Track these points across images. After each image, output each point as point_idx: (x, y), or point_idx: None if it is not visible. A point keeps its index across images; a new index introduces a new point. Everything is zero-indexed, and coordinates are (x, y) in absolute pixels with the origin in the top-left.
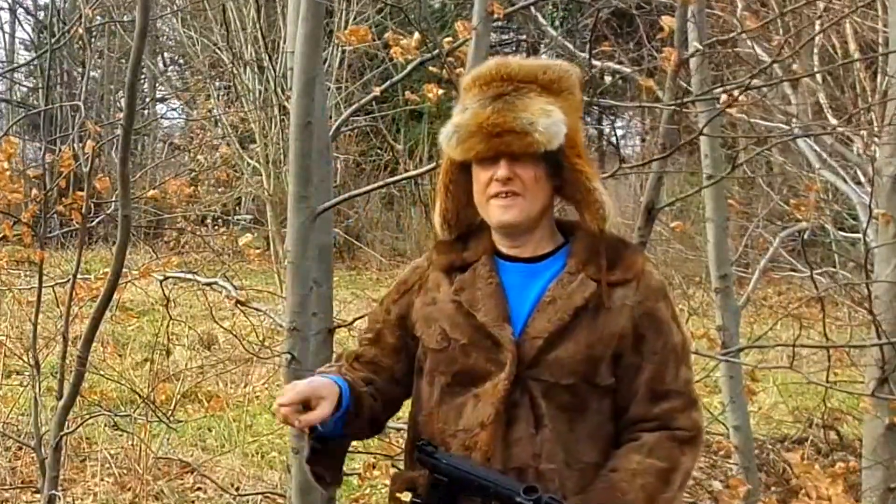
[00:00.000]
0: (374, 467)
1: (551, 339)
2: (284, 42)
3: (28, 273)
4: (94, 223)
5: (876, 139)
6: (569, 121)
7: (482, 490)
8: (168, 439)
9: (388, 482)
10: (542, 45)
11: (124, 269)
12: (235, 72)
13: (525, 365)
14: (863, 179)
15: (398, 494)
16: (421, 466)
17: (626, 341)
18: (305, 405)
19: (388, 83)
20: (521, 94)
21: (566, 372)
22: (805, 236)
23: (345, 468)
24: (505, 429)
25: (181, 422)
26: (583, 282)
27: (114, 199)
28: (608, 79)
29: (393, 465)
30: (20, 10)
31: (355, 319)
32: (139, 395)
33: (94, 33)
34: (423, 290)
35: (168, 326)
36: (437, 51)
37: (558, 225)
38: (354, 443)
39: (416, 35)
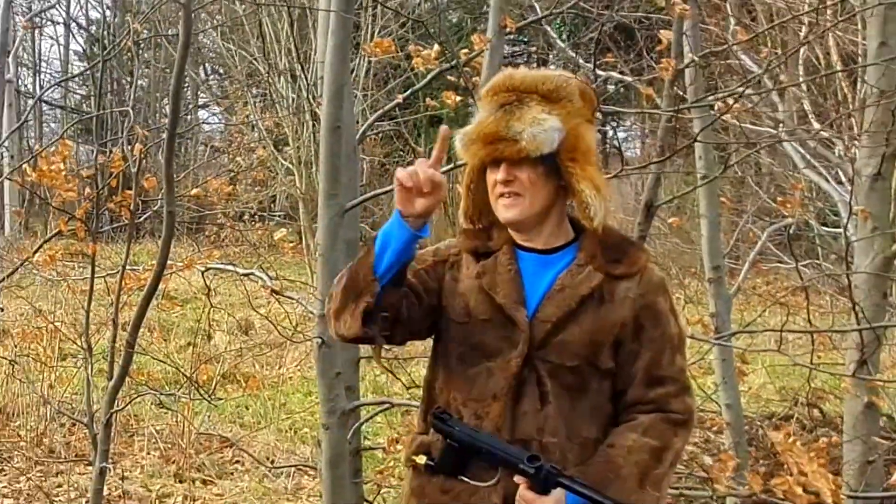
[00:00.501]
0: (397, 441)
1: (559, 323)
2: (315, 53)
3: (81, 265)
4: (141, 219)
5: (856, 142)
6: (567, 126)
7: (490, 456)
8: (209, 416)
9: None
10: (550, 57)
11: (169, 261)
12: (270, 81)
13: (534, 346)
14: (843, 179)
15: (414, 457)
16: (436, 432)
17: (627, 330)
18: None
19: (409, 91)
20: (523, 103)
21: (570, 354)
22: (791, 231)
23: (370, 443)
24: (514, 403)
25: (221, 400)
26: (590, 273)
27: (159, 197)
28: (611, 87)
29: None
30: (74, 25)
31: None
32: (183, 376)
33: (142, 46)
34: (455, 266)
35: (209, 313)
36: (454, 61)
37: (572, 220)
38: (378, 419)
39: (436, 47)
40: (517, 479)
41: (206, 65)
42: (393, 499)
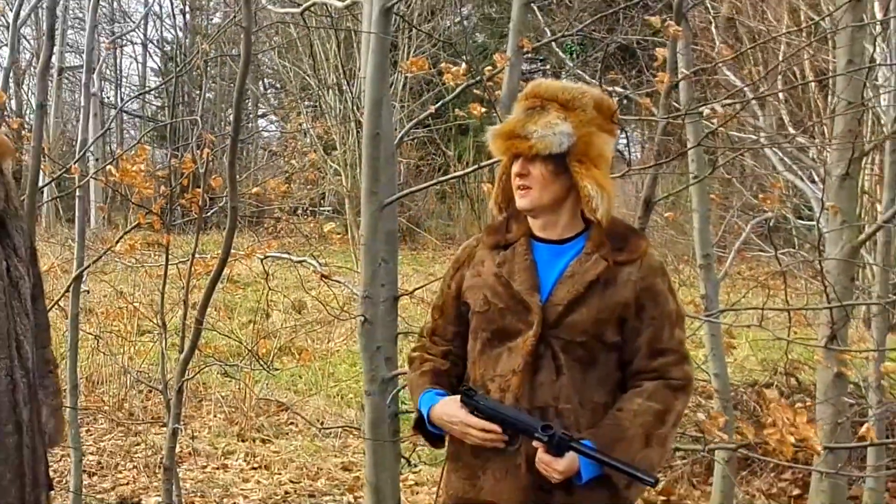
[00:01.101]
0: None
1: (569, 305)
2: (359, 70)
3: (157, 253)
4: (209, 213)
5: (827, 147)
6: (578, 133)
7: (511, 426)
8: (267, 384)
9: None
10: (562, 73)
11: (232, 250)
12: (320, 94)
13: (548, 325)
14: (816, 179)
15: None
16: (464, 406)
17: (630, 309)
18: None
19: (440, 102)
20: (544, 109)
21: (580, 331)
22: (770, 224)
23: (406, 407)
24: (531, 375)
25: (277, 370)
26: (596, 261)
27: (224, 194)
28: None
29: None
30: (150, 45)
31: (415, 289)
32: (245, 349)
33: (209, 63)
34: (471, 264)
35: (267, 295)
36: (479, 77)
37: (583, 214)
38: None
39: (463, 65)
40: (535, 444)
41: (265, 80)
42: (426, 455)
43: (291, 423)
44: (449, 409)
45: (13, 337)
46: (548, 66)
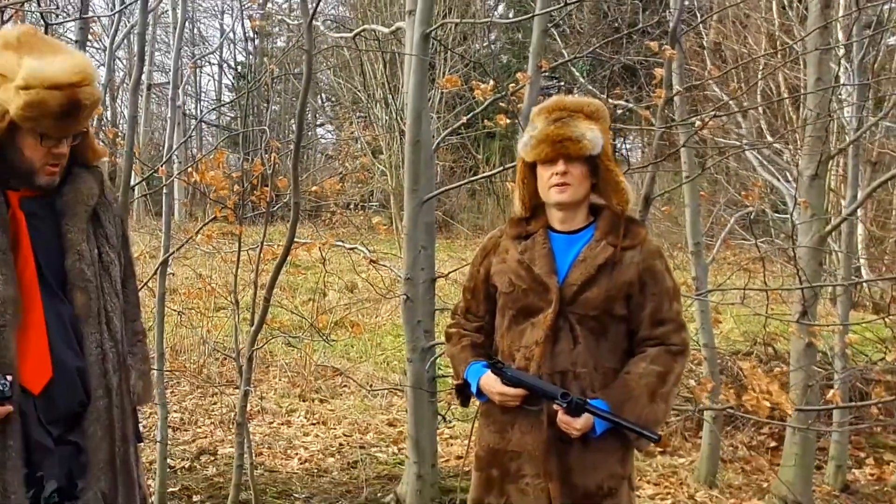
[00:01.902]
0: None
1: (582, 285)
2: (402, 86)
3: (230, 242)
4: (275, 208)
5: (799, 152)
6: (604, 138)
7: (534, 391)
8: (324, 353)
9: None
10: (574, 89)
11: (295, 239)
12: (369, 106)
13: (565, 303)
14: (790, 178)
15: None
16: (493, 374)
17: (634, 287)
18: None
19: (471, 114)
20: (573, 118)
21: (592, 307)
22: (751, 216)
23: (442, 372)
24: (552, 346)
25: (333, 341)
26: (604, 247)
27: (288, 192)
28: (619, 111)
29: None
30: (225, 65)
31: (449, 272)
32: (305, 323)
33: (275, 81)
34: (496, 252)
35: (324, 277)
36: (504, 92)
37: (590, 207)
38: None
39: (491, 82)
40: (555, 406)
41: (322, 94)
42: (459, 413)
43: (345, 386)
44: (488, 379)
45: (103, 314)
46: (562, 83)
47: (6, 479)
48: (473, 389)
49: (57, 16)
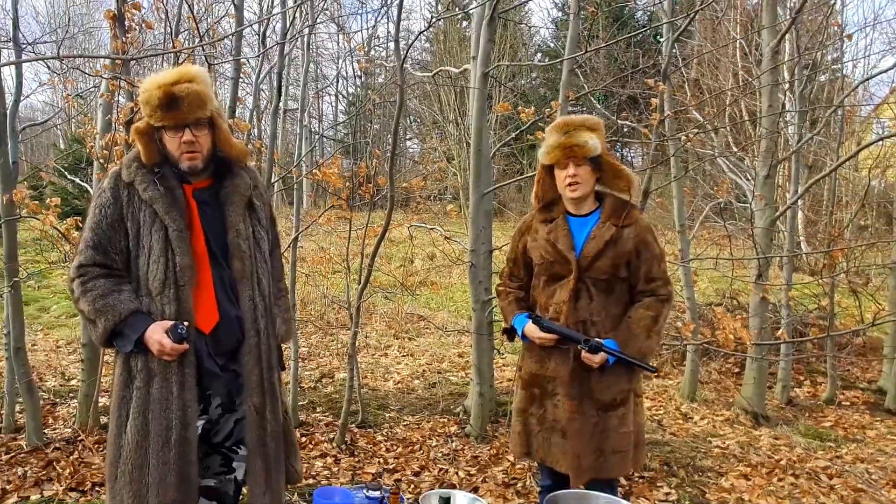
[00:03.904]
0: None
1: (594, 257)
2: (468, 110)
3: (343, 223)
4: (376, 199)
5: (756, 159)
6: (601, 143)
7: (564, 337)
8: (411, 304)
9: None
10: (592, 112)
11: (391, 222)
12: (444, 125)
13: (582, 270)
14: (749, 178)
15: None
16: (534, 324)
17: (632, 255)
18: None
19: (518, 130)
20: (578, 131)
21: (602, 272)
22: (721, 205)
23: (497, 318)
24: (574, 302)
25: (418, 295)
26: (609, 227)
27: (385, 187)
28: (625, 129)
29: None
30: (340, 95)
31: (502, 246)
32: (398, 282)
33: (376, 106)
34: (530, 232)
35: (411, 249)
36: (542, 115)
37: (596, 194)
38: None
39: (532, 108)
40: (580, 347)
41: (410, 116)
42: (510, 347)
43: (426, 328)
44: (530, 328)
45: (255, 276)
46: (584, 109)
47: (185, 397)
48: (519, 333)
49: (215, 58)
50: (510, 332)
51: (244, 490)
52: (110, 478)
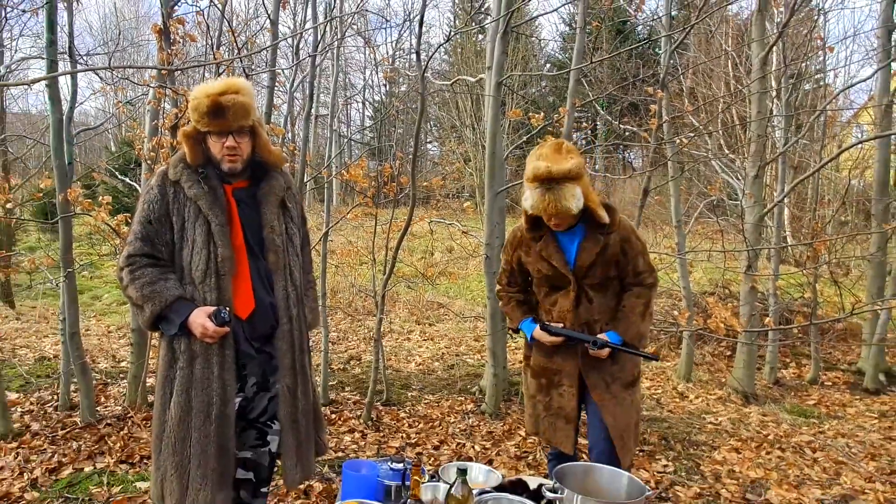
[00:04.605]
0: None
1: (588, 267)
2: (483, 116)
3: (370, 219)
4: (399, 196)
5: (746, 160)
6: (584, 190)
7: (572, 339)
8: (432, 293)
9: None
10: (597, 118)
11: (413, 218)
12: (462, 129)
13: (579, 279)
14: (740, 178)
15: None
16: (542, 330)
17: (619, 256)
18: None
19: (529, 135)
20: (561, 187)
21: (596, 278)
22: (714, 203)
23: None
24: (576, 308)
25: (438, 285)
26: (596, 239)
27: (408, 186)
28: (627, 133)
29: None
30: (366, 101)
31: None
32: (419, 273)
33: (399, 112)
34: (521, 246)
35: (431, 242)
36: (551, 121)
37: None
38: None
39: (542, 114)
40: (587, 346)
41: (431, 122)
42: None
43: (445, 315)
44: (539, 332)
45: (287, 268)
46: (589, 114)
47: (225, 377)
48: (529, 337)
49: (253, 69)
50: (516, 331)
51: (278, 462)
52: (155, 450)
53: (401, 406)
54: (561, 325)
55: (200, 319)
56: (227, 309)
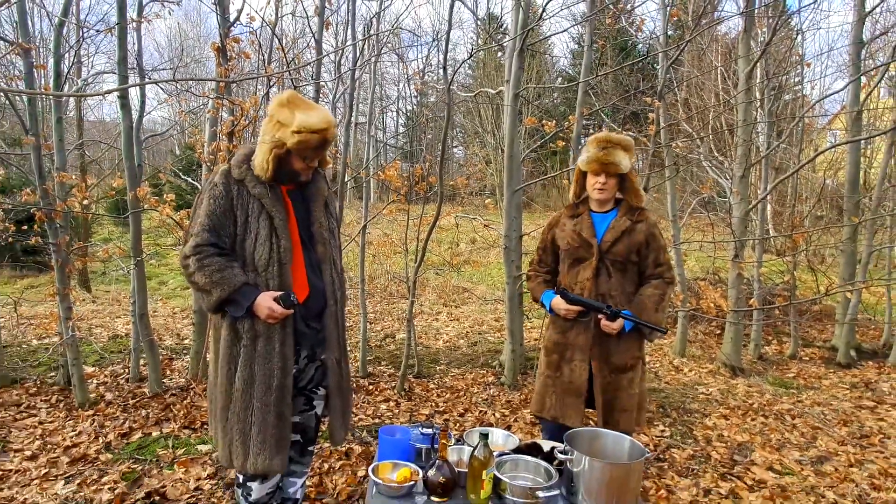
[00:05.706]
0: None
1: (613, 243)
2: (503, 123)
3: (403, 214)
4: (428, 194)
5: (734, 162)
6: (630, 163)
7: (589, 307)
8: (457, 279)
9: None
10: (603, 125)
11: (441, 213)
12: (484, 135)
13: (602, 253)
14: (728, 177)
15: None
16: (562, 298)
17: (643, 244)
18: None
19: (543, 140)
20: (615, 149)
21: (619, 255)
22: (706, 199)
23: (525, 290)
24: (595, 280)
25: (462, 272)
26: (624, 221)
27: (436, 185)
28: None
29: None
30: (400, 110)
31: (530, 232)
32: (446, 261)
33: (428, 120)
34: (558, 225)
35: (457, 235)
36: (562, 127)
37: (615, 199)
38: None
39: (554, 121)
40: (600, 316)
41: (456, 128)
42: (536, 314)
43: (469, 298)
44: (557, 301)
45: (331, 257)
46: (595, 122)
47: (285, 352)
48: (548, 307)
49: (300, 81)
50: (541, 303)
51: (322, 425)
52: (222, 419)
53: (430, 378)
54: (581, 295)
55: (267, 303)
56: (293, 294)
